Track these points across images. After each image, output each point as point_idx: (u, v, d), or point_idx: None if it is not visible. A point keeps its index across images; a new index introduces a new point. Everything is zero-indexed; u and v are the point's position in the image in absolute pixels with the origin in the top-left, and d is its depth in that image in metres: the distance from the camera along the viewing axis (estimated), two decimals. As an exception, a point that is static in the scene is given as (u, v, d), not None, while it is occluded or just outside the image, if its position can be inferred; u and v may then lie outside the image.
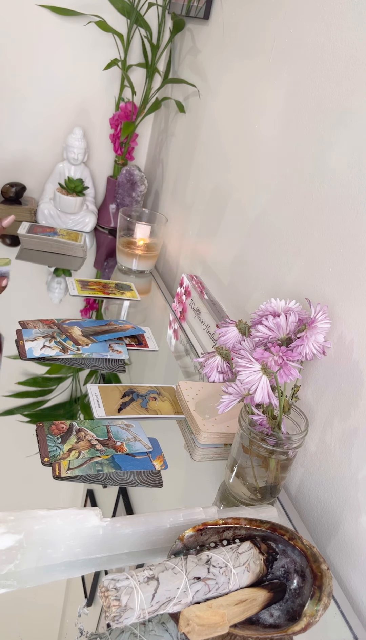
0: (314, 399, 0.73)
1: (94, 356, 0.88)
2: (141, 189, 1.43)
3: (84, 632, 0.50)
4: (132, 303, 1.14)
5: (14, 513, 0.54)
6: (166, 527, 0.58)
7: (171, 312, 1.15)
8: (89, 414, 0.77)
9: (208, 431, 0.75)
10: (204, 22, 1.18)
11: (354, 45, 0.69)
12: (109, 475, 0.67)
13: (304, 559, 0.52)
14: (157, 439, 0.74)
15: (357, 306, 0.66)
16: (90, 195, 1.49)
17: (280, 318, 0.64)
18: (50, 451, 0.68)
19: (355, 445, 0.65)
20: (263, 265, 0.90)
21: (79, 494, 0.67)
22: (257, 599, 0.50)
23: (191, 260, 1.22)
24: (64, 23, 1.35)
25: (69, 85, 1.43)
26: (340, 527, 0.67)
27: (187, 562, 0.49)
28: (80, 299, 1.10)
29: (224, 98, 1.08)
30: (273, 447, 0.64)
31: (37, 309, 1.02)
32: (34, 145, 1.46)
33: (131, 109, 1.43)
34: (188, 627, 0.45)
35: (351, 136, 0.69)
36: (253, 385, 0.59)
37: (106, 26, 1.31)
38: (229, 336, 0.67)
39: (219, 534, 0.56)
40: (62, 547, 0.54)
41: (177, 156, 1.34)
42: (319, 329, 0.63)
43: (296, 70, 0.82)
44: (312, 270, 0.76)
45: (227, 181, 1.05)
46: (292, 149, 0.82)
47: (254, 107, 0.95)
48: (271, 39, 0.89)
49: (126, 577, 0.45)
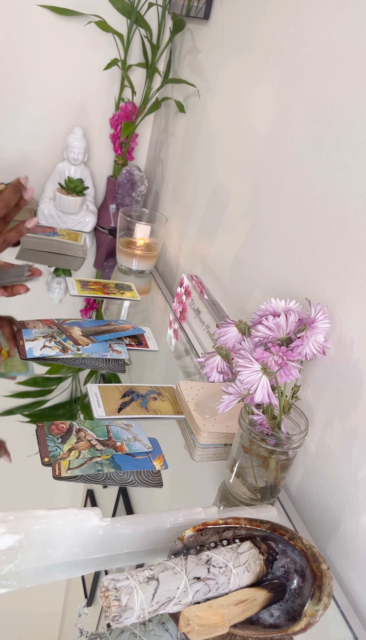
0: (314, 399, 0.73)
1: (94, 356, 0.88)
2: (141, 189, 1.43)
3: (84, 632, 0.50)
4: (132, 303, 1.14)
5: (14, 513, 0.54)
6: (166, 527, 0.58)
7: (171, 312, 1.15)
8: (89, 414, 0.77)
9: (208, 431, 0.75)
10: (204, 22, 1.18)
11: (354, 45, 0.69)
12: (109, 475, 0.67)
13: (304, 559, 0.52)
14: (157, 439, 0.74)
15: (357, 306, 0.66)
16: (90, 195, 1.49)
17: (280, 318, 0.64)
18: (50, 451, 0.68)
19: (355, 445, 0.65)
20: (263, 265, 0.90)
21: (79, 494, 0.67)
22: (257, 599, 0.50)
23: (191, 260, 1.22)
24: (64, 23, 1.35)
25: (69, 85, 1.43)
26: (340, 527, 0.67)
27: (187, 562, 0.49)
28: (80, 299, 1.10)
29: (224, 98, 1.08)
30: (273, 447, 0.64)
31: (37, 309, 1.02)
32: (34, 145, 1.46)
33: (131, 109, 1.43)
34: (188, 627, 0.45)
35: (352, 136, 0.69)
36: (253, 385, 0.59)
37: (106, 26, 1.31)
38: (229, 336, 0.67)
39: (219, 534, 0.56)
40: (62, 547, 0.54)
41: (177, 156, 1.34)
42: (319, 329, 0.63)
43: (296, 70, 0.82)
44: (312, 270, 0.76)
45: (227, 181, 1.05)
46: (292, 148, 0.82)
47: (254, 107, 0.95)
48: (271, 39, 0.89)
49: (126, 577, 0.46)
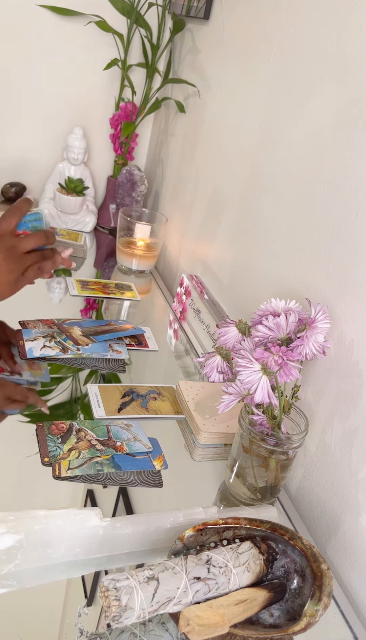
0: (314, 399, 0.73)
1: (94, 356, 0.88)
2: (141, 189, 1.43)
3: (84, 632, 0.50)
4: (132, 303, 1.14)
5: (14, 513, 0.54)
6: (166, 527, 0.58)
7: (171, 312, 1.15)
8: (89, 414, 0.77)
9: (208, 431, 0.75)
10: (204, 22, 1.18)
11: (355, 45, 0.69)
12: (109, 475, 0.67)
13: (304, 559, 0.52)
14: (157, 439, 0.74)
15: (357, 306, 0.66)
16: (90, 195, 1.49)
17: (280, 318, 0.64)
18: (50, 451, 0.68)
19: (355, 445, 0.65)
20: (262, 265, 0.90)
21: (79, 494, 0.67)
22: (257, 599, 0.50)
23: (191, 260, 1.22)
24: (64, 23, 1.35)
25: (69, 85, 1.43)
26: (340, 527, 0.67)
27: (187, 562, 0.49)
28: (80, 299, 1.10)
29: (224, 98, 1.08)
30: (273, 447, 0.64)
31: (37, 309, 1.02)
32: (34, 145, 1.46)
33: (131, 109, 1.43)
34: (188, 627, 0.45)
35: (352, 136, 0.69)
36: (253, 385, 0.59)
37: (106, 26, 1.31)
38: (229, 336, 0.67)
39: (219, 534, 0.56)
40: (62, 547, 0.54)
41: (177, 156, 1.34)
42: (319, 329, 0.63)
43: (296, 70, 0.82)
44: (312, 270, 0.76)
45: (227, 181, 1.05)
46: (292, 148, 0.82)
47: (254, 107, 0.95)
48: (271, 39, 0.89)
49: (126, 577, 0.46)
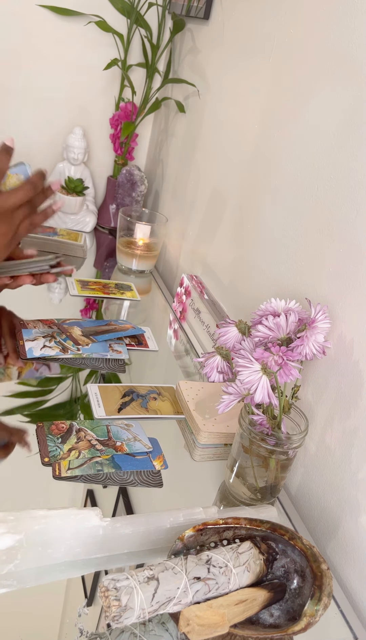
0: (314, 399, 0.73)
1: (94, 356, 0.88)
2: (141, 189, 1.43)
3: (84, 632, 0.50)
4: (132, 303, 1.14)
5: (14, 513, 0.54)
6: (166, 527, 0.58)
7: (171, 312, 1.15)
8: (89, 414, 0.77)
9: (208, 431, 0.75)
10: (204, 22, 1.18)
11: (355, 45, 0.69)
12: (109, 475, 0.67)
13: (304, 559, 0.52)
14: (157, 439, 0.74)
15: (357, 306, 0.66)
16: (90, 195, 1.49)
17: (280, 318, 0.64)
18: (50, 451, 0.68)
19: (355, 445, 0.65)
20: (262, 265, 0.90)
21: (79, 494, 0.67)
22: (257, 599, 0.50)
23: (191, 260, 1.22)
24: (64, 23, 1.35)
25: (69, 85, 1.43)
26: (340, 527, 0.67)
27: (187, 562, 0.49)
28: (80, 299, 1.10)
29: (224, 98, 1.08)
30: (273, 447, 0.64)
31: (37, 309, 1.02)
32: (34, 145, 1.46)
33: (131, 109, 1.43)
34: (188, 627, 0.45)
35: (352, 136, 0.69)
36: (253, 385, 0.59)
37: (106, 26, 1.31)
38: (229, 336, 0.67)
39: (219, 534, 0.56)
40: (62, 547, 0.54)
41: (177, 156, 1.34)
42: (319, 329, 0.63)
43: (296, 70, 0.82)
44: (312, 270, 0.76)
45: (227, 181, 1.05)
46: (292, 148, 0.82)
47: (254, 107, 0.95)
48: (271, 39, 0.89)
49: (126, 577, 0.46)
